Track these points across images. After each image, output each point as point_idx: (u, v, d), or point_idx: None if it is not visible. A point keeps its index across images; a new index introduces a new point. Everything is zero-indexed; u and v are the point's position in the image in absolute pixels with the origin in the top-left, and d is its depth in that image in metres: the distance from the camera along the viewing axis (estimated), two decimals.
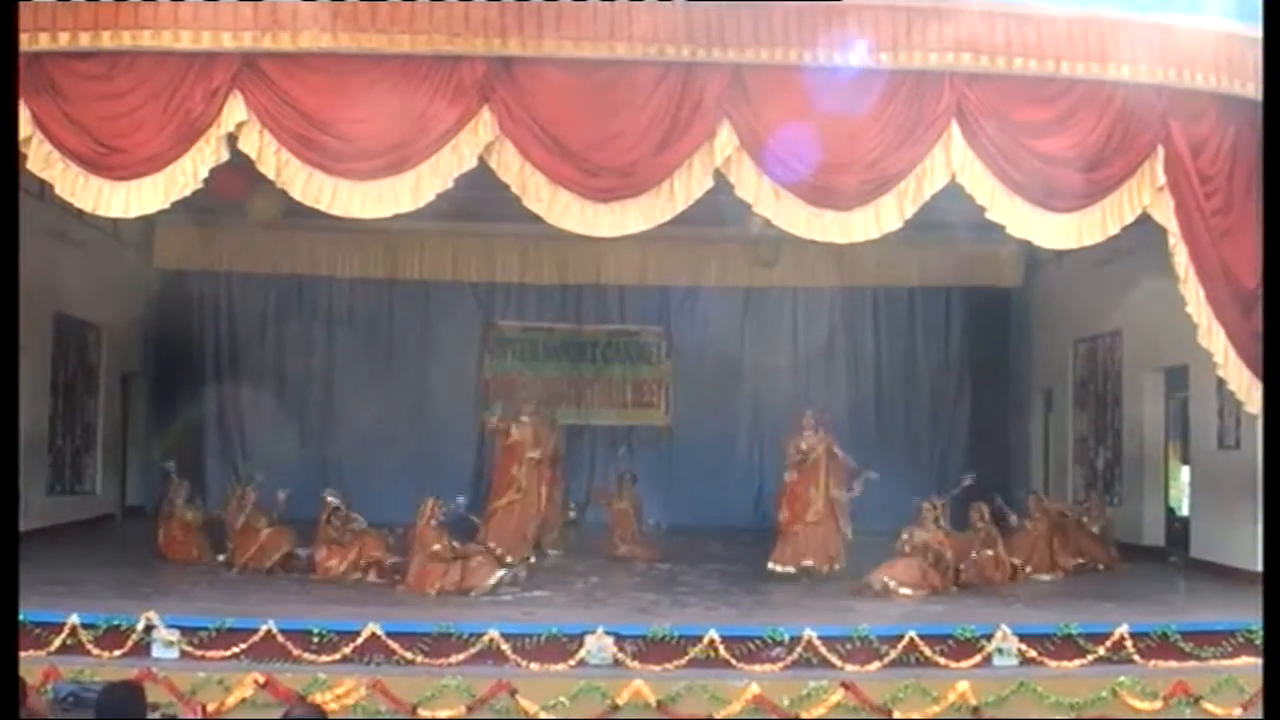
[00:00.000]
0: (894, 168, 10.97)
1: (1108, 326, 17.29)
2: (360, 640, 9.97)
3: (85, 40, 10.28)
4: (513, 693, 9.58)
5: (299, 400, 20.12)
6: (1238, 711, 10.00)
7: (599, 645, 10.03)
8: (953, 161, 10.94)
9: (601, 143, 10.91)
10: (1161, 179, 11.14)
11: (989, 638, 10.29)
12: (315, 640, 9.98)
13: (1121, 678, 10.04)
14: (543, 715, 9.52)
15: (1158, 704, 9.96)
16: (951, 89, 10.90)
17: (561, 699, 9.57)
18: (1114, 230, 11.28)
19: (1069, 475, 18.48)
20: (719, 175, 10.93)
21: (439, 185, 10.72)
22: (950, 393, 20.74)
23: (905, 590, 12.31)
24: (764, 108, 10.86)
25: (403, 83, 10.59)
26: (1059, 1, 10.93)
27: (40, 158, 10.41)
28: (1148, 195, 11.19)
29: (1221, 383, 11.91)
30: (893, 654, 10.16)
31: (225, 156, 10.60)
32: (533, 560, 14.10)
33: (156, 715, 7.89)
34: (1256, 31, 10.80)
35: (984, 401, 20.57)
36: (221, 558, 13.84)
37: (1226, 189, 11.32)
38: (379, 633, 10.01)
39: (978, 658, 10.24)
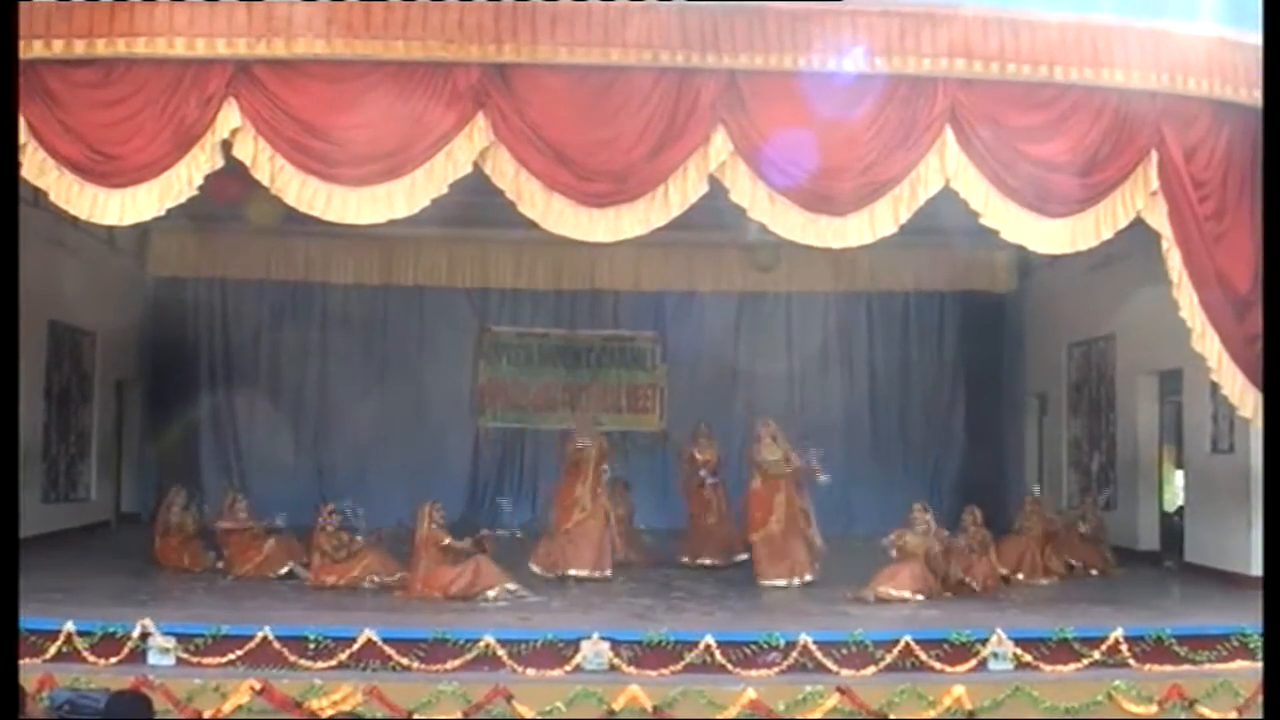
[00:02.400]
0: (888, 173, 10.97)
1: (1101, 330, 17.32)
2: (357, 646, 9.96)
3: (80, 48, 10.26)
4: (509, 698, 9.57)
5: (294, 406, 20.07)
6: (1232, 715, 10.00)
7: (595, 651, 10.03)
8: (947, 166, 10.96)
9: (596, 148, 10.91)
10: (1155, 184, 11.16)
11: (984, 642, 10.29)
12: (311, 646, 9.97)
13: (1116, 681, 10.04)
14: None
15: (1153, 708, 9.97)
16: (945, 94, 10.91)
17: (558, 704, 9.57)
18: (1108, 235, 11.29)
19: (1063, 479, 18.50)
20: (714, 180, 10.94)
21: (433, 191, 10.72)
22: (945, 397, 20.76)
23: (908, 596, 12.29)
24: (758, 113, 10.87)
25: (397, 89, 10.58)
26: (1053, 7, 10.96)
27: (35, 165, 10.39)
28: (1141, 200, 11.20)
29: (1215, 387, 11.93)
30: (888, 658, 10.16)
31: (220, 163, 10.58)
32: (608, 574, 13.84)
33: None
34: (1249, 37, 10.84)
35: (978, 406, 20.59)
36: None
37: (1220, 194, 11.34)
38: (375, 639, 10.00)
39: (973, 662, 10.24)
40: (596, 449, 14.14)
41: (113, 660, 9.85)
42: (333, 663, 9.92)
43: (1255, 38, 10.74)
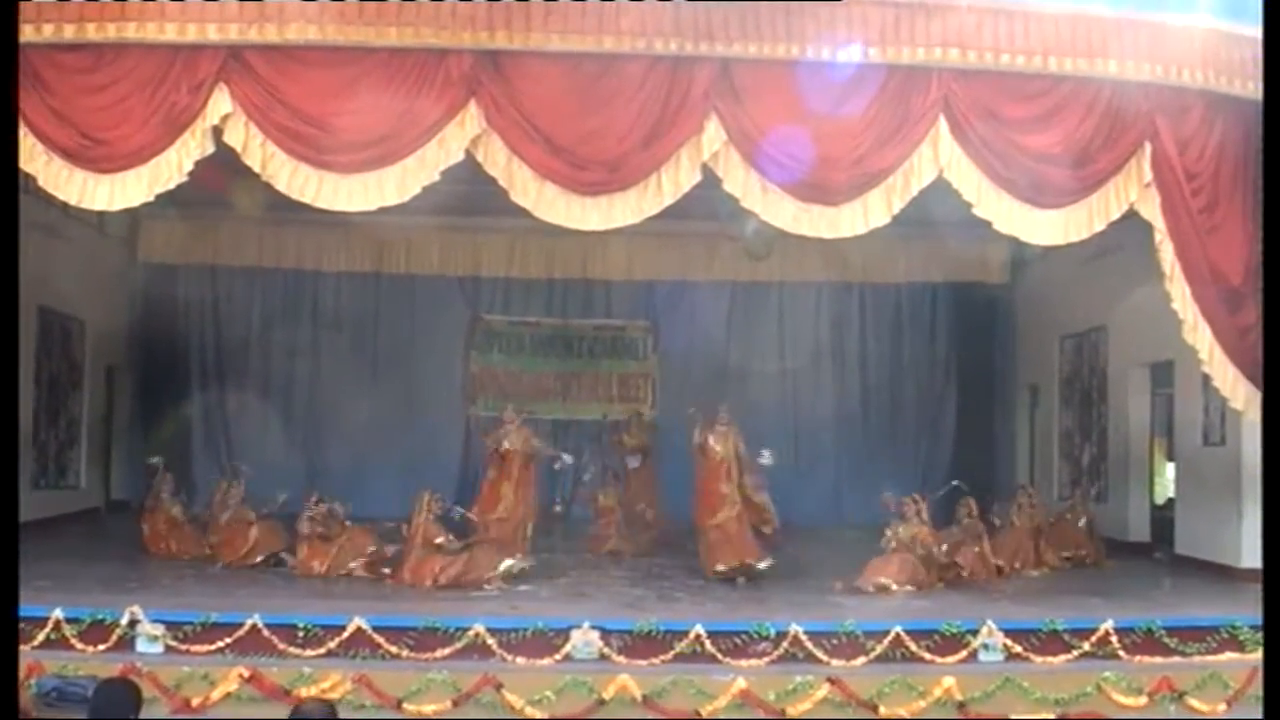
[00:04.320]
0: (882, 163, 10.95)
1: (1093, 323, 17.34)
2: (346, 634, 9.96)
3: (70, 33, 10.23)
4: (498, 687, 9.57)
5: (285, 394, 20.09)
6: (1222, 707, 10.04)
7: (585, 640, 10.02)
8: (940, 157, 10.94)
9: (589, 136, 10.87)
10: (1148, 175, 11.15)
11: (975, 633, 10.30)
12: (300, 634, 9.97)
13: (1106, 673, 10.08)
14: (529, 710, 9.52)
15: (1142, 699, 10.00)
16: (939, 85, 10.89)
17: (547, 693, 9.57)
18: (1100, 227, 11.28)
19: (1054, 471, 18.53)
20: (707, 170, 10.91)
21: (425, 179, 10.68)
22: (936, 389, 20.80)
23: (898, 587, 12.28)
24: (752, 102, 10.84)
25: (389, 76, 10.54)
26: None
27: (24, 151, 10.30)
28: (1135, 191, 11.19)
29: (1207, 379, 11.93)
30: (879, 649, 10.17)
31: (210, 149, 10.54)
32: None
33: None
34: (1243, 29, 10.83)
35: (970, 397, 20.62)
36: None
37: (1213, 186, 11.33)
38: (364, 627, 9.99)
39: (963, 653, 10.25)
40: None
41: (101, 648, 9.83)
42: (322, 651, 9.91)
43: (1248, 30, 10.73)
